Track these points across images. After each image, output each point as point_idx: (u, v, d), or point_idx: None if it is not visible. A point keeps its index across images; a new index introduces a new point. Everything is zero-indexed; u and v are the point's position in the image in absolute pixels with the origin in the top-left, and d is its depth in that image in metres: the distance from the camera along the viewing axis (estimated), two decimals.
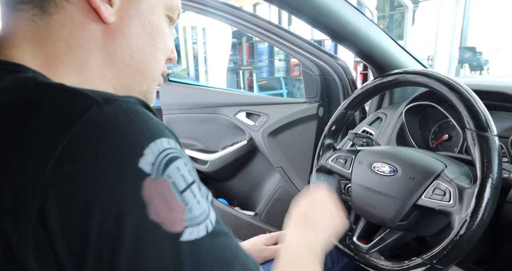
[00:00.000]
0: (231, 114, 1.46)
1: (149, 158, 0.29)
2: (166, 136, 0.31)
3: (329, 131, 0.81)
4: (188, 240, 0.30)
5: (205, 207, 0.32)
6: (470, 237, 0.54)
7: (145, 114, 0.32)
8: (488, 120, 0.57)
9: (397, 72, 0.70)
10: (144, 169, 0.29)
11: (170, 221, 0.29)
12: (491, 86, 0.82)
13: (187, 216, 0.30)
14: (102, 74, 0.40)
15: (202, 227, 0.31)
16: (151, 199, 0.29)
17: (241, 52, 6.18)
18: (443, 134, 0.93)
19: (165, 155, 0.30)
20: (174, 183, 0.30)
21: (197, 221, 0.31)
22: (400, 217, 0.64)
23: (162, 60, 0.45)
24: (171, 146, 0.31)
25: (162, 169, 0.30)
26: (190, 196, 0.31)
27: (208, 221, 0.32)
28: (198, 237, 0.30)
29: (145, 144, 0.30)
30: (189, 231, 0.30)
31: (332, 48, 5.37)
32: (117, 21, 0.39)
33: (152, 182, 0.29)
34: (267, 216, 1.47)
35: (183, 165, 0.32)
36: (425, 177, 0.63)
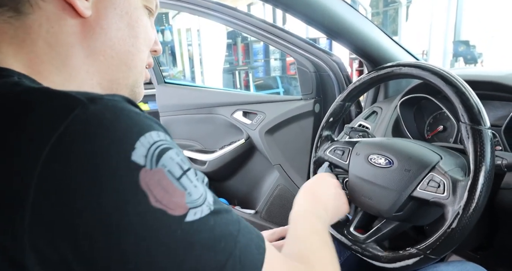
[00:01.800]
0: (228, 114, 1.47)
1: (141, 151, 0.30)
2: (155, 129, 0.32)
3: (326, 122, 0.82)
4: (193, 220, 0.31)
5: (202, 190, 0.33)
6: (463, 228, 0.55)
7: (131, 110, 0.32)
8: (482, 113, 0.58)
9: (393, 64, 0.71)
10: (138, 161, 0.29)
11: (172, 205, 0.30)
12: (483, 76, 0.83)
13: (188, 200, 0.31)
14: (85, 70, 0.40)
15: (204, 208, 0.32)
16: (150, 188, 0.29)
17: (236, 52, 6.18)
18: (438, 125, 0.94)
19: (157, 147, 0.31)
20: (170, 171, 0.31)
21: (198, 203, 0.32)
22: (396, 208, 0.65)
23: (145, 51, 0.45)
24: (161, 138, 0.32)
25: (155, 160, 0.30)
26: (187, 182, 0.32)
27: (207, 202, 0.33)
28: (202, 215, 0.32)
29: (135, 138, 0.30)
30: (193, 212, 0.31)
31: (327, 45, 5.39)
32: (94, 14, 0.39)
33: (147, 172, 0.29)
34: (267, 214, 1.48)
35: (175, 154, 0.32)
36: (420, 169, 0.64)
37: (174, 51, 5.98)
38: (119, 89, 0.43)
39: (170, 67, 6.20)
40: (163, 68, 5.76)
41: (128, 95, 0.45)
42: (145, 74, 0.47)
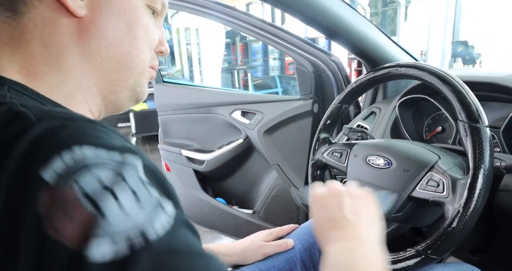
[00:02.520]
0: (227, 113, 1.47)
1: (56, 166, 0.26)
2: (95, 145, 0.28)
3: (324, 125, 0.82)
4: (99, 261, 0.24)
5: (138, 221, 0.26)
6: (464, 227, 0.55)
7: (77, 126, 0.29)
8: (480, 111, 0.58)
9: (390, 65, 0.71)
10: (45, 178, 0.25)
11: (72, 235, 0.24)
12: (482, 77, 0.83)
13: (101, 230, 0.25)
14: (81, 71, 0.39)
15: (122, 245, 0.25)
16: (48, 212, 0.25)
17: (235, 52, 6.18)
18: (436, 126, 0.94)
19: (80, 163, 0.26)
20: (85, 191, 0.25)
21: (117, 236, 0.25)
22: (396, 208, 0.65)
23: (146, 52, 0.43)
24: (97, 155, 0.27)
25: (69, 177, 0.25)
26: (110, 205, 0.26)
27: (140, 237, 0.26)
28: (116, 256, 0.25)
29: (56, 151, 0.26)
30: (100, 248, 0.24)
31: (326, 45, 5.39)
32: (89, 14, 0.38)
33: (52, 191, 0.25)
34: (265, 213, 1.48)
35: (109, 172, 0.27)
36: (419, 169, 0.64)
37: (173, 50, 5.97)
38: (119, 90, 0.42)
39: (168, 66, 6.19)
40: (162, 67, 5.75)
41: (130, 96, 0.44)
42: (149, 74, 0.45)
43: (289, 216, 1.43)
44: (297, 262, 0.75)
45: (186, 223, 0.30)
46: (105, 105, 0.43)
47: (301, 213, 1.40)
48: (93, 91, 0.40)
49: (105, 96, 0.42)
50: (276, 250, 0.76)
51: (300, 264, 0.75)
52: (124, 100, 0.44)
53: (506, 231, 0.72)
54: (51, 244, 0.24)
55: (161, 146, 1.67)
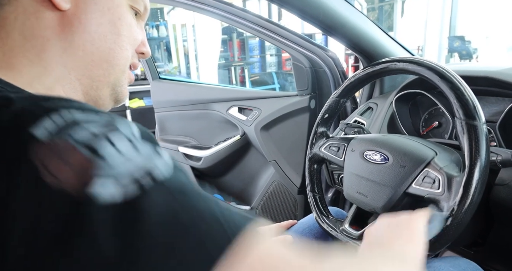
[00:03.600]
0: (223, 110, 1.46)
1: (46, 124, 0.26)
2: (82, 109, 0.28)
3: (322, 119, 0.82)
4: (107, 202, 0.24)
5: (138, 162, 0.26)
6: (458, 224, 0.55)
7: (59, 99, 0.29)
8: (477, 109, 0.58)
9: (388, 60, 0.71)
10: (36, 134, 0.25)
11: (73, 178, 0.24)
12: (479, 71, 0.83)
13: (102, 171, 0.25)
14: (62, 65, 0.39)
15: (131, 185, 0.25)
16: (44, 162, 0.24)
17: (232, 48, 6.16)
18: (433, 121, 0.94)
19: (71, 120, 0.26)
20: (79, 140, 0.25)
21: (121, 177, 0.25)
22: (391, 204, 0.65)
23: (129, 49, 0.43)
24: (88, 116, 0.27)
25: (61, 130, 0.26)
26: (106, 147, 0.26)
27: (147, 178, 0.26)
28: (126, 196, 0.24)
29: (45, 114, 0.26)
30: (105, 189, 0.24)
31: (323, 41, 5.38)
32: (73, 8, 0.38)
33: (46, 146, 0.25)
34: (262, 210, 1.48)
35: (101, 126, 0.27)
36: (416, 165, 0.64)
37: (169, 47, 5.94)
38: (99, 87, 0.42)
39: (165, 63, 6.16)
40: (158, 64, 5.72)
41: (110, 94, 0.44)
42: (128, 75, 0.45)
43: (286, 212, 1.43)
44: None
45: (182, 168, 0.30)
46: (86, 101, 0.43)
47: (298, 209, 1.41)
48: (74, 85, 0.40)
49: (87, 92, 0.42)
50: None
51: None
52: (104, 98, 0.44)
53: (502, 225, 0.72)
54: (51, 193, 0.24)
55: None
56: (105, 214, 0.24)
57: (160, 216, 0.25)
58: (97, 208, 0.24)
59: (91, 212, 0.23)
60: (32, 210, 0.24)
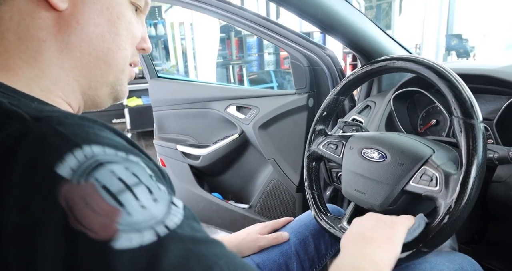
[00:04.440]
0: (222, 108, 1.46)
1: (70, 162, 0.26)
2: (101, 144, 0.29)
3: (320, 116, 0.82)
4: (126, 248, 0.25)
5: (156, 212, 0.28)
6: (455, 221, 0.56)
7: (76, 124, 0.29)
8: (475, 107, 0.58)
9: (386, 58, 0.71)
10: (62, 174, 0.26)
11: (97, 227, 0.25)
12: (476, 69, 0.83)
13: (124, 220, 0.26)
14: (59, 66, 0.38)
15: (147, 233, 0.26)
16: (70, 206, 0.25)
17: (230, 46, 6.15)
18: (430, 119, 0.94)
19: (94, 161, 0.27)
20: (105, 186, 0.27)
21: (140, 226, 0.26)
22: (389, 202, 0.65)
23: (128, 48, 0.42)
24: (105, 152, 0.28)
25: (87, 173, 0.26)
26: (129, 199, 0.27)
27: (161, 226, 0.27)
28: (143, 243, 0.26)
29: (68, 149, 0.27)
30: (126, 236, 0.26)
31: (321, 39, 5.38)
32: (70, 8, 0.37)
33: (72, 186, 0.26)
34: (261, 208, 1.48)
35: (122, 169, 0.28)
36: (413, 163, 0.64)
37: (167, 45, 5.93)
38: (98, 86, 0.42)
39: (163, 61, 6.15)
40: (156, 62, 5.71)
41: (109, 93, 0.44)
42: (129, 73, 0.45)
43: (285, 210, 1.44)
44: (292, 255, 0.76)
45: (193, 216, 0.32)
46: (84, 101, 0.42)
47: (297, 207, 1.41)
48: (72, 86, 0.40)
49: (84, 92, 0.41)
50: (271, 243, 0.76)
51: (295, 257, 0.76)
52: (103, 97, 0.43)
53: (499, 222, 0.73)
54: (76, 237, 0.25)
55: (156, 142, 1.67)
56: (123, 259, 0.25)
57: (173, 262, 0.26)
58: (116, 254, 0.25)
59: (110, 258, 0.25)
60: (58, 252, 0.25)
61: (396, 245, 0.54)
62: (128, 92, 0.46)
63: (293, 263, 0.75)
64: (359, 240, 0.55)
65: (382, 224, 0.57)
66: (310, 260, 0.77)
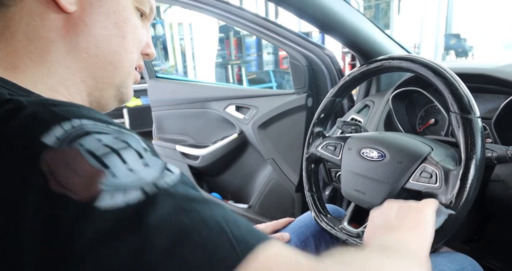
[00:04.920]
0: (221, 108, 1.46)
1: (56, 132, 0.26)
2: (93, 119, 0.29)
3: (318, 118, 0.82)
4: (110, 207, 0.24)
5: (145, 175, 0.27)
6: (456, 218, 0.56)
7: (72, 106, 0.30)
8: (472, 103, 0.59)
9: (383, 58, 0.71)
10: (46, 141, 0.26)
11: (78, 188, 0.25)
12: (474, 69, 0.84)
13: (108, 181, 0.25)
14: (66, 66, 0.39)
15: (134, 192, 0.25)
16: (52, 170, 0.25)
17: (229, 46, 6.14)
18: (429, 118, 0.95)
19: (81, 129, 0.27)
20: (90, 150, 0.26)
21: (126, 186, 0.26)
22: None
23: (134, 52, 0.44)
24: (96, 124, 0.28)
25: (72, 139, 0.26)
26: (115, 161, 0.27)
27: (150, 185, 0.26)
28: (128, 201, 0.25)
29: (56, 122, 0.27)
30: (109, 196, 0.25)
31: (320, 39, 5.38)
32: (79, 10, 0.38)
33: (55, 152, 0.26)
34: (260, 208, 1.48)
35: (111, 138, 0.28)
36: (413, 161, 0.64)
37: (166, 46, 5.93)
38: (104, 88, 0.43)
39: (162, 61, 6.14)
40: (155, 62, 5.71)
41: (115, 95, 0.44)
42: (134, 76, 0.46)
43: (284, 210, 1.44)
44: None
45: (192, 183, 0.30)
46: (89, 102, 0.43)
47: (296, 207, 1.41)
48: (78, 87, 0.41)
49: (90, 93, 0.42)
50: None
51: None
52: (108, 99, 0.44)
53: (498, 221, 0.73)
54: (56, 199, 0.24)
55: (155, 142, 1.67)
56: (108, 218, 0.24)
57: (162, 218, 0.25)
58: (99, 214, 0.24)
59: (94, 218, 0.24)
60: (39, 216, 0.24)
61: (429, 230, 0.48)
62: (132, 94, 0.47)
63: None
64: (386, 230, 0.49)
65: (407, 210, 0.51)
66: None
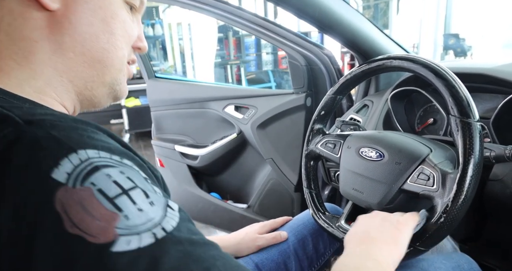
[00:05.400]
0: (220, 108, 1.46)
1: (66, 167, 0.26)
2: (96, 148, 0.29)
3: (318, 115, 0.82)
4: (124, 251, 0.25)
5: (153, 215, 0.28)
6: (452, 220, 0.56)
7: (69, 127, 0.30)
8: (472, 106, 0.58)
9: (384, 57, 0.71)
10: (58, 179, 0.26)
11: (94, 231, 0.25)
12: (473, 68, 0.84)
13: (122, 224, 0.26)
14: (52, 67, 0.37)
15: (145, 235, 0.27)
16: (66, 210, 0.25)
17: (228, 46, 6.14)
18: (428, 118, 0.95)
19: (89, 164, 0.27)
20: (101, 190, 0.27)
21: (138, 229, 0.27)
22: (386, 201, 0.66)
23: (124, 48, 0.42)
24: (100, 156, 0.28)
25: (82, 177, 0.27)
26: (126, 203, 0.27)
27: (159, 228, 0.28)
28: (142, 245, 0.26)
29: (63, 154, 0.27)
30: (125, 240, 0.26)
31: (319, 39, 5.38)
32: (62, 8, 0.36)
33: (67, 191, 0.26)
34: (259, 208, 1.48)
35: (117, 173, 0.28)
36: (411, 162, 0.64)
37: (165, 46, 5.92)
38: (94, 87, 0.41)
39: (161, 61, 6.14)
40: (154, 62, 5.70)
41: (108, 93, 0.43)
42: (127, 71, 0.44)
43: (283, 210, 1.44)
44: (290, 254, 0.76)
45: (188, 217, 0.32)
46: (80, 101, 0.41)
47: (295, 207, 1.41)
48: (66, 87, 0.39)
49: (80, 92, 0.41)
50: (270, 242, 0.77)
51: (293, 256, 0.76)
52: (100, 97, 0.43)
53: (496, 220, 0.73)
54: (73, 241, 0.25)
55: (155, 142, 1.67)
56: (121, 261, 0.25)
57: (173, 264, 0.27)
58: (113, 256, 0.25)
59: (109, 260, 0.25)
60: (54, 257, 0.25)
61: (401, 246, 0.54)
62: (128, 90, 0.46)
63: (291, 262, 0.75)
64: (364, 239, 0.54)
65: (388, 224, 0.57)
66: (309, 259, 0.78)
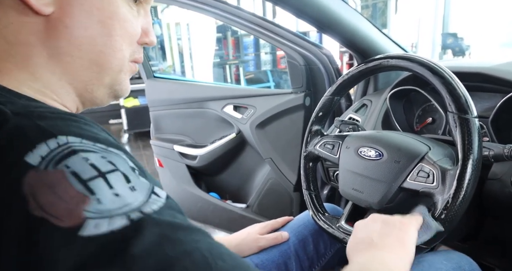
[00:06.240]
0: (219, 108, 1.46)
1: (41, 151, 0.26)
2: (80, 136, 0.28)
3: (316, 117, 0.82)
4: (94, 235, 0.24)
5: (130, 200, 0.26)
6: (453, 216, 0.56)
7: (59, 118, 0.29)
8: (469, 102, 0.59)
9: (381, 57, 0.71)
10: (30, 161, 0.25)
11: (60, 213, 0.24)
12: (471, 67, 0.84)
13: (92, 207, 0.25)
14: (50, 71, 0.36)
15: (118, 218, 0.25)
16: (34, 192, 0.24)
17: (226, 46, 6.14)
18: (426, 117, 0.95)
19: (67, 148, 0.26)
20: (75, 172, 0.25)
21: (111, 213, 0.25)
22: (386, 200, 0.66)
23: (124, 49, 0.40)
24: (82, 142, 0.27)
25: (56, 160, 0.26)
26: (100, 185, 0.26)
27: (137, 212, 0.26)
28: (114, 228, 0.25)
29: (41, 139, 0.26)
30: (93, 223, 0.24)
31: (318, 39, 5.38)
32: (57, 11, 0.35)
33: (38, 173, 0.25)
34: (259, 207, 1.48)
35: (97, 157, 0.27)
36: (410, 160, 0.64)
37: (164, 46, 5.92)
38: (94, 89, 0.40)
39: (159, 61, 6.14)
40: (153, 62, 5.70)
41: (108, 93, 0.42)
42: (130, 69, 0.43)
43: (282, 210, 1.44)
44: (291, 255, 0.76)
45: (178, 208, 0.30)
46: (81, 102, 0.41)
47: (294, 206, 1.41)
48: (66, 89, 0.38)
49: (81, 94, 0.40)
50: (271, 243, 0.76)
51: (294, 257, 0.76)
52: (101, 97, 0.42)
53: (495, 219, 0.73)
54: (36, 224, 0.24)
55: (153, 142, 1.67)
56: (92, 247, 0.24)
57: (146, 248, 0.25)
58: (83, 242, 0.24)
59: (77, 246, 0.24)
60: (19, 241, 0.24)
61: (410, 248, 0.51)
62: (130, 88, 0.44)
63: (292, 263, 0.75)
64: (368, 247, 0.51)
65: (391, 227, 0.53)
66: (309, 260, 0.78)
